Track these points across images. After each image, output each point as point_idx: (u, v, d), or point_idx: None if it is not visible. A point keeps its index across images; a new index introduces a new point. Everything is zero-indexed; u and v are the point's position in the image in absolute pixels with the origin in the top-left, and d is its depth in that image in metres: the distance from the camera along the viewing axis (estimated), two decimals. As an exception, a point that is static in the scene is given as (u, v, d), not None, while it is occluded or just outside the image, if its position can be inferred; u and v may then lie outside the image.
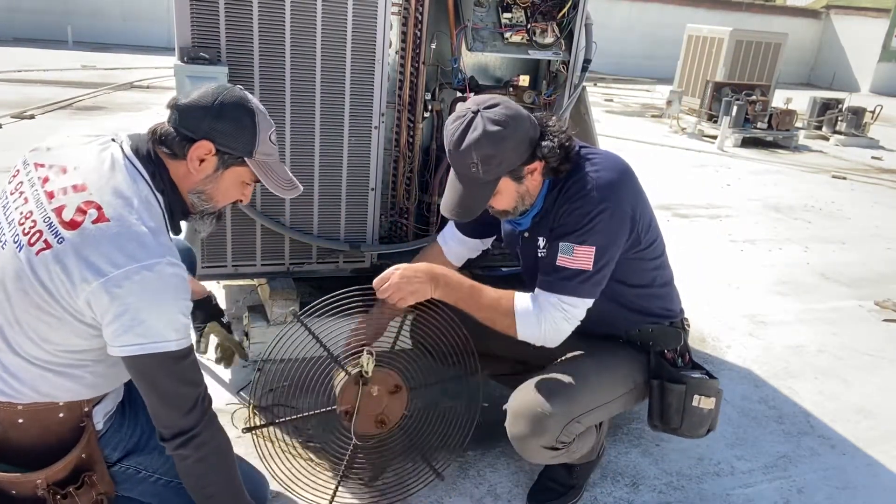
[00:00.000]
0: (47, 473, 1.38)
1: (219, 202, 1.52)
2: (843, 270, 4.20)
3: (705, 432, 1.83)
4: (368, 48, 2.26)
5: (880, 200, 6.18)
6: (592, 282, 1.66)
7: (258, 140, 1.46)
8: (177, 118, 1.41)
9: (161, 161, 1.43)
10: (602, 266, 1.66)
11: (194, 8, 2.04)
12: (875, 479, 2.24)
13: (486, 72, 2.77)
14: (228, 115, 1.42)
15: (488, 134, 1.58)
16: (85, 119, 6.35)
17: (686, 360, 1.86)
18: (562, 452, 1.73)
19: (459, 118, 1.63)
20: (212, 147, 1.42)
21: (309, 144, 2.32)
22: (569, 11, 2.49)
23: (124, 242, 1.28)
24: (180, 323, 1.33)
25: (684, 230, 4.75)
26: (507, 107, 1.63)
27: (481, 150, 1.59)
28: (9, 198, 1.41)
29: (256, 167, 1.49)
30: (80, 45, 12.18)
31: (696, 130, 8.57)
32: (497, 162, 1.61)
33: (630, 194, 1.70)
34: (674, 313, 1.91)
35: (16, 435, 1.38)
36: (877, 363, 3.05)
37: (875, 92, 16.63)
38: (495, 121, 1.59)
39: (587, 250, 1.64)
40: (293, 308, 2.37)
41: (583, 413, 1.71)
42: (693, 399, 1.75)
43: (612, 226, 1.65)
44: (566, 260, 1.65)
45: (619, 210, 1.66)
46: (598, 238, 1.64)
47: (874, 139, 9.07)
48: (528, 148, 1.65)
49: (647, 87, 13.43)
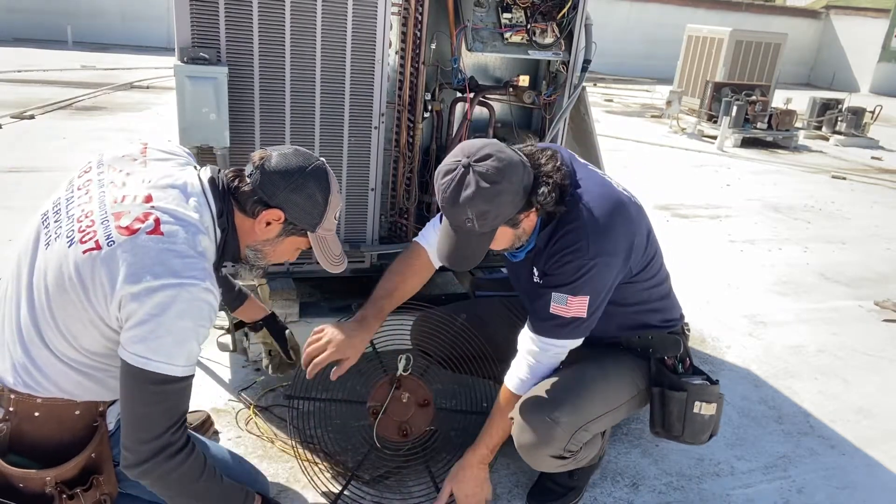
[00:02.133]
0: (58, 472, 1.39)
1: (270, 261, 1.59)
2: (842, 270, 4.20)
3: (707, 438, 1.82)
4: (368, 48, 2.26)
5: (880, 200, 6.18)
6: (584, 325, 1.69)
7: (325, 217, 1.53)
8: (258, 179, 1.46)
9: (231, 207, 1.48)
10: (595, 309, 1.68)
11: (194, 8, 2.04)
12: (875, 478, 2.24)
13: (486, 72, 2.77)
14: (307, 191, 1.48)
15: (482, 191, 1.52)
16: (85, 119, 6.35)
17: (686, 366, 1.85)
18: (569, 461, 1.74)
19: (450, 173, 1.56)
20: (282, 216, 1.49)
21: (309, 145, 2.32)
22: (569, 12, 2.49)
23: (171, 258, 1.30)
24: (193, 351, 1.35)
25: (684, 230, 4.75)
26: (499, 158, 1.55)
27: (476, 208, 1.54)
28: (75, 193, 1.43)
29: (315, 241, 1.56)
30: (80, 45, 12.18)
31: (695, 131, 8.57)
32: (493, 216, 1.57)
33: (624, 235, 1.67)
34: (673, 322, 1.90)
35: (30, 428, 1.39)
36: (877, 363, 3.05)
37: (875, 92, 16.63)
38: (488, 177, 1.53)
39: (581, 300, 1.64)
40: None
41: (590, 421, 1.72)
42: (694, 406, 1.74)
43: (604, 277, 1.65)
44: (560, 309, 1.66)
45: (613, 260, 1.64)
46: (592, 287, 1.64)
47: (874, 139, 9.07)
48: (523, 197, 1.60)
49: (647, 88, 13.44)
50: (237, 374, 2.43)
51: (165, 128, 6.07)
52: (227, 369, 2.46)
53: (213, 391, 2.32)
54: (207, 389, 2.33)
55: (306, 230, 1.53)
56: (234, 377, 2.42)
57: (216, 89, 2.05)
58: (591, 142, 2.91)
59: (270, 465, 1.99)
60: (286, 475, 1.96)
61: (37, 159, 4.82)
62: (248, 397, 2.30)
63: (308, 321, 2.45)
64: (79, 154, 5.00)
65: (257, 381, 2.40)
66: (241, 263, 1.59)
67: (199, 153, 2.18)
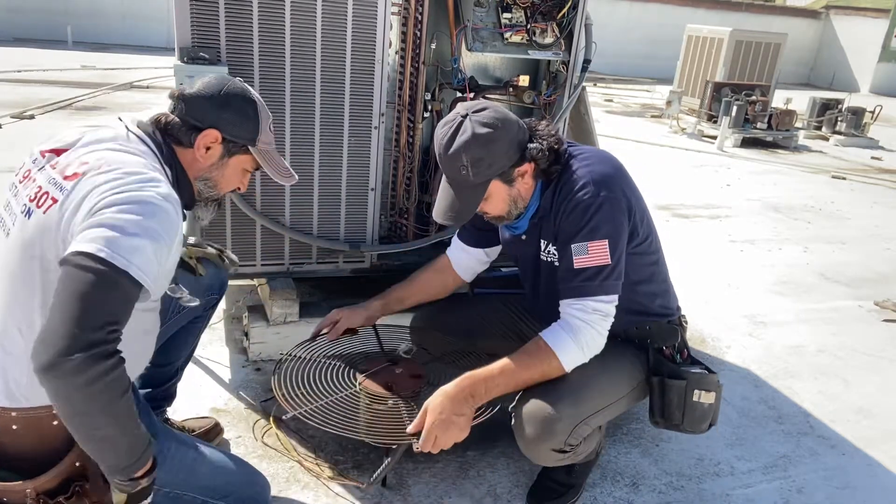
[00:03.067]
0: (36, 483, 1.34)
1: (222, 189, 1.58)
2: (842, 270, 4.20)
3: (707, 427, 1.83)
4: (368, 48, 2.27)
5: (880, 200, 6.18)
6: (614, 275, 1.66)
7: (260, 129, 1.53)
8: (183, 108, 1.46)
9: (170, 145, 1.47)
10: (618, 257, 1.66)
11: (194, 8, 2.04)
12: (875, 479, 2.24)
13: (486, 72, 2.77)
14: (233, 106, 1.48)
15: (477, 136, 1.59)
16: (85, 119, 6.35)
17: (684, 357, 1.86)
18: (569, 455, 1.74)
19: (448, 123, 1.64)
20: (219, 135, 1.48)
21: (309, 144, 2.32)
22: (569, 11, 2.49)
23: (129, 171, 1.28)
24: (149, 260, 1.21)
25: (684, 230, 4.75)
26: (496, 110, 1.64)
27: (471, 153, 1.60)
28: (18, 187, 1.40)
29: (258, 155, 1.55)
30: (80, 45, 12.19)
31: (695, 131, 8.57)
32: (487, 164, 1.62)
33: (623, 185, 1.71)
34: (671, 311, 1.92)
35: (9, 440, 1.35)
36: (876, 363, 3.05)
37: (875, 92, 16.63)
38: (484, 123, 1.60)
39: (600, 244, 1.64)
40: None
41: (591, 415, 1.72)
42: (693, 394, 1.76)
43: (616, 215, 1.66)
44: (583, 260, 1.64)
45: (616, 199, 1.67)
46: (606, 229, 1.65)
47: (874, 139, 9.07)
48: (518, 150, 1.66)
49: (647, 88, 13.44)
50: (237, 374, 2.43)
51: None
52: (226, 369, 2.46)
53: (213, 391, 2.33)
54: (208, 389, 2.33)
55: (247, 145, 1.52)
56: (234, 377, 2.42)
57: (216, 89, 2.05)
58: (591, 142, 2.91)
59: (270, 464, 1.99)
60: (286, 475, 1.96)
61: (37, 159, 4.81)
62: (248, 397, 2.30)
63: (308, 321, 2.46)
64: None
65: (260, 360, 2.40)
66: (196, 204, 1.57)
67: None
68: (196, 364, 2.47)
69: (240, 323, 2.71)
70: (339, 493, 1.91)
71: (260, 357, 2.50)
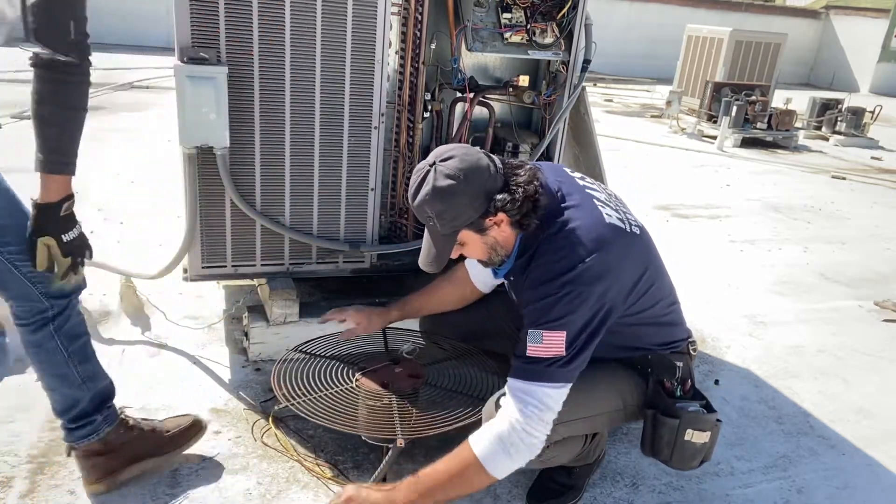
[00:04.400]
0: None
1: None
2: (842, 270, 4.20)
3: (698, 464, 1.78)
4: (368, 48, 2.27)
5: (880, 200, 6.18)
6: (569, 366, 1.57)
7: None
8: None
9: None
10: (577, 349, 1.58)
11: (194, 8, 2.04)
12: (875, 479, 2.24)
13: (485, 72, 2.77)
14: None
15: (437, 189, 1.55)
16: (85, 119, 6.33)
17: (686, 389, 1.78)
18: (535, 460, 1.68)
19: (418, 171, 1.61)
20: None
21: (309, 144, 2.32)
22: (568, 11, 2.49)
23: None
24: None
25: (684, 230, 4.75)
26: (462, 159, 1.57)
27: (432, 206, 1.57)
28: None
29: None
30: (80, 45, 12.16)
31: (695, 131, 8.56)
32: (450, 217, 1.58)
33: (601, 271, 1.58)
34: (676, 343, 1.85)
35: None
36: (876, 363, 3.05)
37: (875, 92, 16.62)
38: (448, 175, 1.55)
39: (557, 336, 1.56)
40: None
41: (558, 423, 1.64)
42: (686, 433, 1.70)
43: (579, 307, 1.56)
44: (536, 349, 1.57)
45: (584, 291, 1.56)
46: (565, 322, 1.56)
47: (874, 139, 9.06)
48: (485, 201, 1.58)
49: (647, 88, 13.43)
50: (237, 375, 2.43)
51: (167, 127, 6.07)
52: (226, 369, 2.46)
53: (213, 391, 2.33)
54: (207, 389, 2.33)
55: None
56: (234, 377, 2.42)
57: (216, 89, 2.05)
58: (591, 142, 2.91)
59: (270, 464, 1.99)
60: (286, 475, 1.96)
61: (37, 159, 4.80)
62: (248, 397, 2.30)
63: (308, 321, 2.46)
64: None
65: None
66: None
67: (199, 153, 2.18)
68: (196, 364, 2.47)
69: (240, 323, 2.71)
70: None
71: (260, 357, 2.50)
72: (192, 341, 2.62)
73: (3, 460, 1.91)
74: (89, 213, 3.83)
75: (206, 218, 2.30)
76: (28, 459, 1.92)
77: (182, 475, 1.92)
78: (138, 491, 1.84)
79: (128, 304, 2.82)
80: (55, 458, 1.93)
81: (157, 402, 2.23)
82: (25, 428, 2.05)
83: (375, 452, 2.03)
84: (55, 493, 1.81)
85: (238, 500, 1.85)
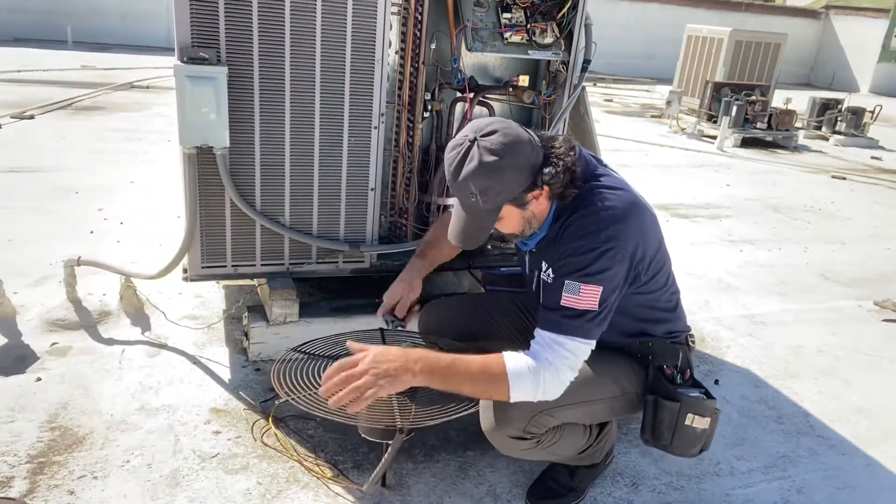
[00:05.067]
0: None
1: None
2: (842, 270, 4.20)
3: (698, 452, 1.79)
4: (368, 48, 2.27)
5: (880, 200, 6.18)
6: (597, 321, 1.61)
7: None
8: None
9: None
10: (607, 306, 1.62)
11: (194, 8, 2.04)
12: (875, 478, 2.24)
13: (485, 72, 2.77)
14: None
15: (484, 165, 1.53)
16: (85, 119, 6.35)
17: (686, 378, 1.80)
18: (532, 443, 1.71)
19: (457, 147, 1.57)
20: None
21: (309, 144, 2.32)
22: (568, 11, 2.49)
23: None
24: None
25: (684, 230, 4.75)
26: (506, 133, 1.56)
27: (478, 182, 1.54)
28: None
29: None
30: (80, 45, 12.18)
31: (695, 130, 8.57)
32: (496, 192, 1.57)
33: (635, 233, 1.64)
34: (676, 333, 1.88)
35: None
36: (876, 363, 3.05)
37: (874, 92, 16.63)
38: (492, 150, 1.53)
39: (594, 290, 1.59)
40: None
41: (554, 407, 1.67)
42: (686, 418, 1.71)
43: (615, 264, 1.60)
44: (571, 300, 1.59)
45: (620, 247, 1.60)
46: (602, 276, 1.59)
47: (874, 139, 9.07)
48: (530, 175, 1.58)
49: (647, 88, 13.44)
50: (237, 375, 2.43)
51: (167, 127, 6.07)
52: (226, 369, 2.46)
53: (212, 391, 2.33)
54: (207, 389, 2.33)
55: None
56: (234, 377, 2.42)
57: (216, 89, 2.05)
58: (591, 142, 2.91)
59: (270, 464, 1.99)
60: (286, 475, 1.96)
61: (37, 159, 4.82)
62: (248, 397, 2.30)
63: (308, 321, 2.46)
64: (78, 154, 5.01)
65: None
66: None
67: (199, 153, 2.18)
68: (196, 364, 2.47)
69: (239, 323, 2.71)
70: (338, 493, 1.91)
71: (259, 357, 2.50)
72: (192, 341, 2.62)
73: (3, 460, 1.91)
74: (89, 213, 3.84)
75: (206, 218, 2.30)
76: (28, 459, 1.92)
77: (182, 475, 1.92)
78: (138, 491, 1.85)
79: (128, 304, 2.82)
80: (55, 458, 1.93)
81: (157, 403, 2.23)
82: (25, 428, 2.05)
83: (375, 452, 2.03)
84: (55, 493, 1.81)
85: (238, 499, 1.85)
